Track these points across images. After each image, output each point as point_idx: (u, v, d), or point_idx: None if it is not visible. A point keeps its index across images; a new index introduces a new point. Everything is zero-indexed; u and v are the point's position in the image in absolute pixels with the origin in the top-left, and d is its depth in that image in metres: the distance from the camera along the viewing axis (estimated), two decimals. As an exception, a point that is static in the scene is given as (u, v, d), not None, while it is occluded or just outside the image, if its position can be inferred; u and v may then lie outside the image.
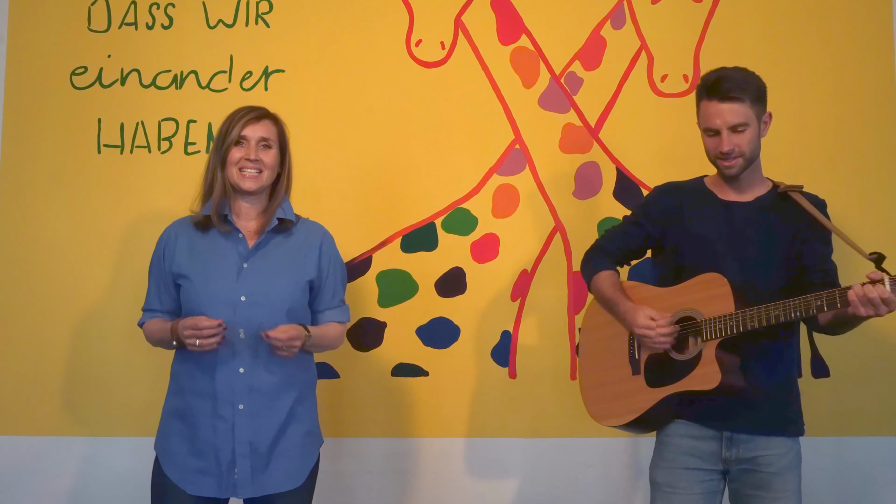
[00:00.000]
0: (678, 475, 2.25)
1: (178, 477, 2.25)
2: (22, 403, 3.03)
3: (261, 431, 2.24)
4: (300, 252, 2.35)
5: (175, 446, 2.27)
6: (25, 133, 3.13)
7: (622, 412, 2.31)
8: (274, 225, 2.33)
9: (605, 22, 3.11)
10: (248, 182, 2.29)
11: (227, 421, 2.22)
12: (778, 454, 2.21)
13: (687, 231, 2.31)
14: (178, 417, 2.28)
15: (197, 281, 2.28)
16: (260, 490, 2.24)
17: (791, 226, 2.27)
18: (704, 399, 2.18)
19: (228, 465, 2.23)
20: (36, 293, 3.07)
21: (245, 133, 2.30)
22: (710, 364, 2.15)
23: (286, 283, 2.30)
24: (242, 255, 2.30)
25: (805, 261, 2.26)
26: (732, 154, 2.22)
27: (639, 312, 2.26)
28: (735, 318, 2.13)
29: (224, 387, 2.22)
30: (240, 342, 2.24)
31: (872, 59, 3.05)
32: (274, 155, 2.33)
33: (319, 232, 2.42)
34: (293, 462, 2.29)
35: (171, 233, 2.38)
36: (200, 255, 2.31)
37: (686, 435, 2.25)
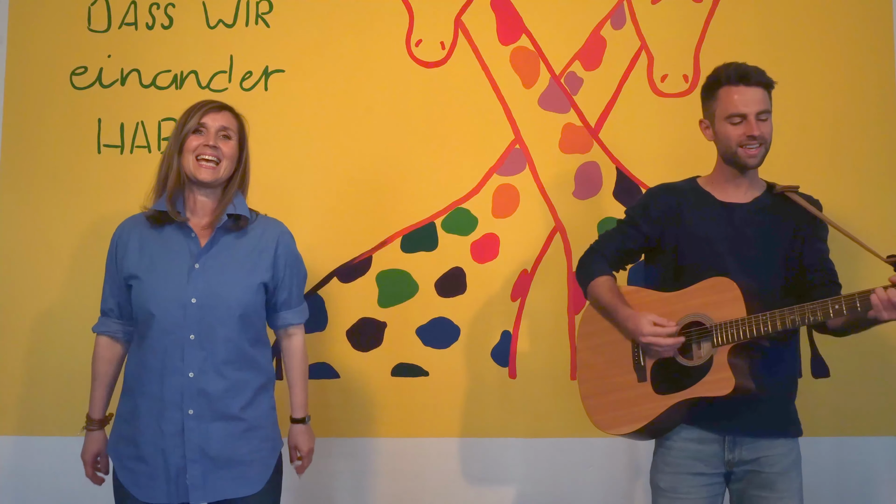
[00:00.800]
0: (682, 480, 2.24)
1: (129, 481, 2.20)
2: (22, 403, 3.04)
3: (211, 436, 2.17)
4: (254, 251, 2.27)
5: (123, 451, 2.22)
6: (25, 133, 3.13)
7: (630, 420, 2.27)
8: (224, 221, 2.24)
9: (605, 22, 3.11)
10: (205, 172, 2.21)
11: (175, 425, 2.16)
12: (780, 454, 2.21)
13: (687, 231, 2.30)
14: (126, 421, 2.23)
15: (147, 281, 2.20)
16: (213, 495, 2.17)
17: (791, 225, 2.27)
18: (704, 402, 2.18)
19: (178, 470, 2.16)
20: (36, 293, 3.07)
21: (204, 121, 2.24)
22: (724, 370, 2.13)
23: (238, 286, 2.22)
24: (194, 255, 2.21)
25: (806, 260, 2.26)
26: (759, 140, 2.21)
27: (642, 319, 2.22)
28: (749, 322, 2.11)
29: (173, 391, 2.16)
30: (189, 346, 2.17)
31: (872, 59, 3.05)
32: (233, 146, 2.27)
33: (276, 230, 2.33)
34: (248, 467, 2.22)
35: (121, 232, 2.30)
36: (151, 254, 2.23)
37: (689, 439, 2.24)
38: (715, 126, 2.29)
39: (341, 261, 3.07)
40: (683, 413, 2.23)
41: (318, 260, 3.04)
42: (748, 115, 2.21)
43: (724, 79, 2.25)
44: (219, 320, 2.18)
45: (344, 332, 3.05)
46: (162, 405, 2.17)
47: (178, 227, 2.24)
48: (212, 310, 2.18)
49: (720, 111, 2.26)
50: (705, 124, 2.33)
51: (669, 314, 2.24)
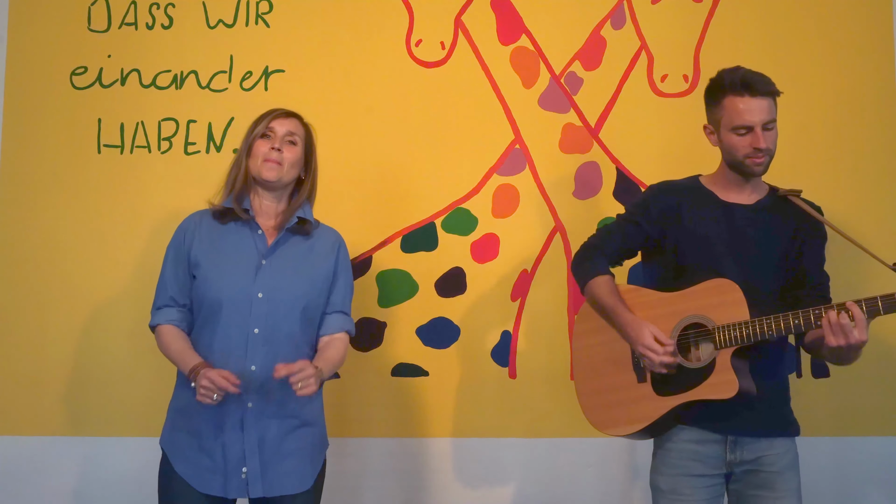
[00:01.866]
0: (683, 482, 2.23)
1: (189, 473, 2.22)
2: (22, 403, 3.04)
3: (270, 430, 2.22)
4: (318, 254, 2.36)
5: (183, 441, 2.25)
6: (25, 133, 3.13)
7: (629, 421, 2.27)
8: (293, 223, 2.34)
9: (605, 22, 3.11)
10: (269, 171, 2.30)
11: (236, 418, 2.21)
12: (779, 454, 2.22)
13: (687, 231, 2.29)
14: (185, 413, 2.26)
15: (214, 273, 2.26)
16: (269, 490, 2.21)
17: (791, 226, 2.27)
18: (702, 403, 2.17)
19: (236, 463, 2.20)
20: (36, 293, 3.07)
21: (272, 125, 2.34)
22: (727, 372, 2.13)
23: (303, 283, 2.29)
24: (261, 252, 2.30)
25: (805, 262, 2.26)
26: (765, 152, 2.20)
27: (644, 330, 2.20)
28: (752, 325, 2.10)
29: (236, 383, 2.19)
30: (253, 339, 2.22)
31: (872, 59, 3.05)
32: (298, 152, 2.36)
33: (336, 237, 2.44)
34: (302, 464, 2.27)
35: (193, 219, 2.36)
36: (219, 247, 2.30)
37: (690, 440, 2.24)
38: (720, 134, 2.26)
39: (341, 261, 3.08)
40: (681, 414, 2.23)
41: (318, 260, 3.04)
42: (755, 127, 2.19)
43: (729, 87, 2.22)
44: (283, 316, 2.25)
45: (344, 332, 3.05)
46: (224, 398, 2.18)
47: (245, 225, 2.33)
48: (277, 305, 2.24)
49: (725, 121, 2.23)
50: (710, 130, 2.31)
51: (666, 315, 2.24)
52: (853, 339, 2.02)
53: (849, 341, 2.02)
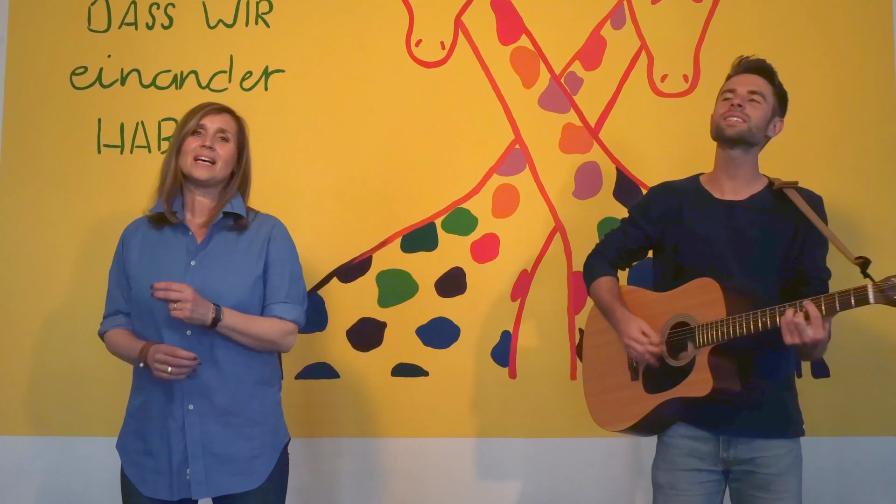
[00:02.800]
0: (679, 476, 2.25)
1: (136, 476, 2.22)
2: (22, 404, 3.04)
3: (212, 431, 2.19)
4: (251, 247, 2.29)
5: (132, 445, 2.25)
6: (25, 133, 3.13)
7: (622, 418, 2.32)
8: (219, 219, 2.27)
9: (605, 22, 3.11)
10: (200, 171, 2.24)
11: (177, 420, 2.18)
12: (777, 455, 2.21)
13: (687, 231, 2.31)
14: (135, 416, 2.26)
15: (144, 278, 2.22)
16: (215, 491, 2.19)
17: (791, 225, 2.27)
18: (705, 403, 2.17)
19: (179, 465, 2.17)
20: (36, 293, 3.07)
21: (203, 122, 2.28)
22: (703, 371, 2.14)
23: (233, 280, 2.24)
24: (190, 252, 2.25)
25: (805, 260, 2.26)
26: (741, 110, 2.24)
27: (632, 324, 2.26)
28: (726, 324, 2.12)
29: (174, 386, 2.17)
30: (187, 340, 2.18)
31: (872, 59, 3.05)
32: (230, 149, 2.29)
33: (270, 224, 2.35)
34: (249, 462, 2.22)
35: (126, 234, 2.35)
36: (150, 253, 2.28)
37: (686, 436, 2.25)
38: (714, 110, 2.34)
39: (341, 261, 3.07)
40: (677, 411, 2.24)
41: (318, 260, 3.04)
42: (737, 90, 2.28)
43: (731, 73, 2.36)
44: None
45: (344, 332, 3.05)
46: (165, 400, 2.19)
47: (177, 227, 2.28)
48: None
49: (719, 95, 2.34)
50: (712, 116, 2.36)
51: (659, 315, 2.27)
52: (807, 338, 2.00)
53: (803, 339, 2.01)
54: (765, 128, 2.30)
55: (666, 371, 2.23)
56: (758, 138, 2.30)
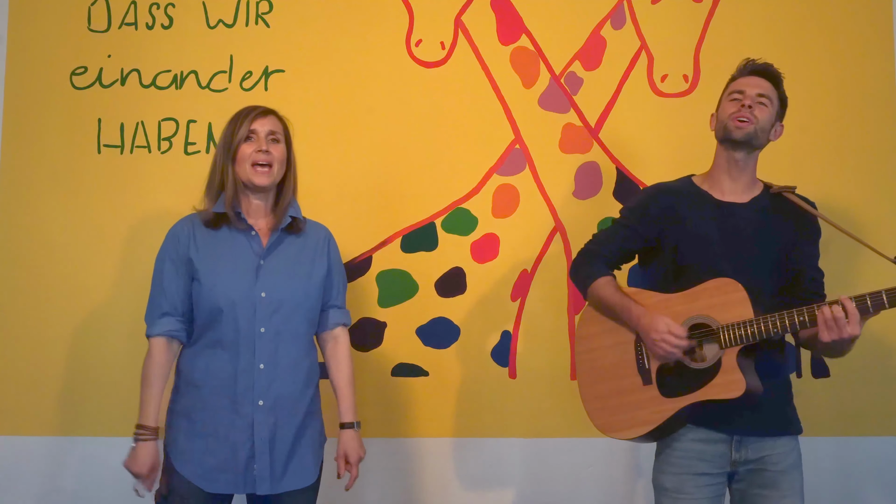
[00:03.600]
0: (686, 480, 2.23)
1: (195, 474, 2.23)
2: (22, 404, 3.03)
3: (280, 428, 2.25)
4: (311, 251, 2.37)
5: (188, 444, 2.25)
6: (25, 133, 3.13)
7: (636, 424, 2.26)
8: (287, 223, 2.34)
9: (605, 22, 3.11)
10: (261, 178, 2.29)
11: (245, 418, 2.22)
12: (783, 453, 2.22)
13: (686, 232, 2.30)
14: (189, 415, 2.27)
15: (214, 278, 2.26)
16: (277, 487, 2.24)
17: (790, 226, 2.27)
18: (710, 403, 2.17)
19: (247, 461, 2.22)
20: (36, 293, 3.07)
21: (254, 127, 2.31)
22: (733, 372, 2.13)
23: (302, 281, 2.31)
24: (258, 254, 2.30)
25: (802, 261, 2.27)
26: (750, 111, 2.25)
27: (658, 319, 2.21)
28: (757, 323, 2.10)
29: (243, 383, 2.22)
30: (260, 339, 2.24)
31: (872, 59, 3.05)
32: (282, 150, 2.34)
33: (325, 233, 2.45)
34: (308, 459, 2.30)
35: (185, 226, 2.33)
36: (216, 252, 2.29)
37: (695, 440, 2.23)
38: (718, 109, 2.35)
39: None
40: (689, 415, 2.22)
41: (318, 260, 3.04)
42: (746, 91, 2.29)
43: (736, 73, 2.37)
44: (287, 314, 2.26)
45: (344, 332, 3.05)
46: (233, 398, 2.22)
47: (237, 229, 2.31)
48: (280, 304, 2.26)
49: (725, 94, 2.34)
50: (714, 116, 2.37)
51: (674, 316, 2.23)
52: (846, 334, 2.04)
53: (841, 335, 2.04)
54: (769, 131, 2.31)
55: (685, 373, 2.20)
56: (762, 141, 2.30)
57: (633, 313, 2.27)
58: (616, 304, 2.32)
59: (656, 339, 2.20)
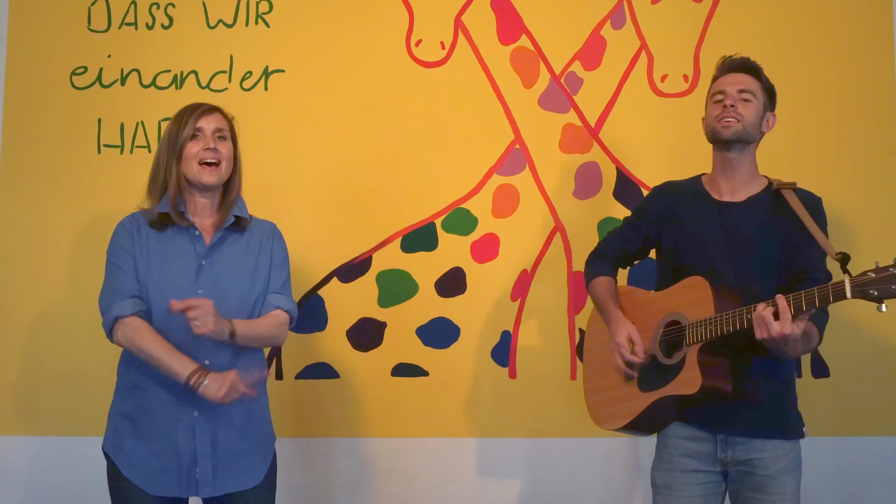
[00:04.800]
0: (676, 477, 2.25)
1: (139, 477, 2.20)
2: (22, 403, 3.03)
3: (221, 431, 2.21)
4: (255, 248, 2.32)
5: (131, 446, 2.22)
6: (25, 133, 3.13)
7: (617, 416, 2.33)
8: (230, 222, 2.29)
9: (605, 22, 3.11)
10: (209, 176, 2.24)
11: (188, 420, 2.20)
12: (774, 457, 2.19)
13: (684, 231, 2.31)
14: (133, 417, 2.24)
15: (155, 279, 2.21)
16: (220, 489, 2.21)
17: (789, 225, 2.27)
18: (700, 401, 2.17)
19: (190, 464, 2.19)
20: (36, 293, 3.07)
21: (200, 125, 2.25)
22: (692, 368, 2.15)
23: (244, 279, 2.27)
24: (200, 254, 2.25)
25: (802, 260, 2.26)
26: (734, 110, 2.24)
27: (621, 328, 2.30)
28: (714, 322, 2.12)
29: (180, 388, 2.16)
30: (202, 338, 2.15)
31: (872, 59, 3.05)
32: (230, 147, 2.29)
33: (270, 228, 2.38)
34: (252, 461, 2.27)
35: (132, 224, 2.28)
36: (159, 254, 2.24)
37: (683, 437, 2.25)
38: (705, 113, 2.35)
39: (341, 261, 3.07)
40: (672, 410, 2.25)
41: (318, 260, 3.04)
42: (727, 91, 2.28)
43: (716, 73, 2.36)
44: (229, 313, 2.20)
45: (344, 332, 3.05)
46: (175, 400, 2.19)
47: (181, 229, 2.27)
48: (220, 303, 2.19)
49: (709, 97, 2.34)
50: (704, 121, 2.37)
51: (652, 314, 2.29)
52: (774, 332, 1.99)
53: (770, 334, 2.00)
54: (759, 124, 2.30)
55: (659, 369, 2.24)
56: (753, 136, 2.30)
57: (607, 317, 2.36)
58: (600, 305, 2.41)
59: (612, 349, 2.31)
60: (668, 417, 2.27)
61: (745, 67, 2.31)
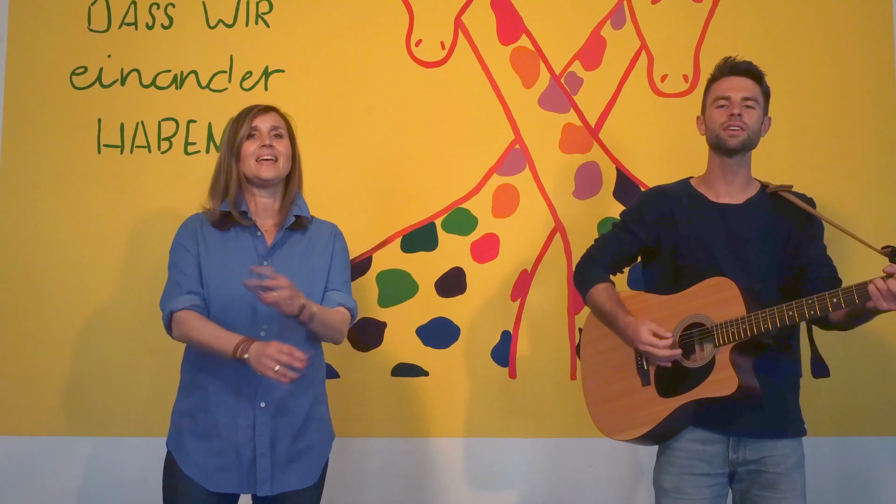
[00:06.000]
0: (686, 480, 2.23)
1: (199, 474, 2.23)
2: (23, 403, 3.03)
3: (281, 430, 2.24)
4: (317, 249, 2.35)
5: (192, 444, 2.25)
6: (25, 133, 3.13)
7: (635, 425, 2.28)
8: (291, 222, 2.32)
9: (605, 22, 3.11)
10: (267, 170, 2.27)
11: (248, 419, 2.22)
12: (784, 454, 2.21)
13: (685, 234, 2.31)
14: (193, 415, 2.26)
15: (217, 280, 2.25)
16: (278, 488, 2.24)
17: (789, 224, 2.28)
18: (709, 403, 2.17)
19: (250, 462, 2.22)
20: (36, 293, 3.07)
21: (256, 124, 2.30)
22: (726, 369, 2.13)
23: (304, 280, 2.27)
24: (261, 254, 2.28)
25: (803, 260, 2.26)
26: (740, 119, 2.24)
27: (641, 328, 2.23)
28: (748, 320, 2.11)
29: (247, 386, 2.21)
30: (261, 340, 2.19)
31: (872, 59, 3.05)
32: (287, 145, 2.33)
33: (332, 230, 2.42)
34: (310, 460, 2.29)
35: (195, 223, 2.32)
36: (221, 254, 2.28)
37: (693, 440, 2.24)
38: (705, 116, 2.34)
39: (341, 261, 3.07)
40: (689, 415, 2.23)
41: (318, 260, 3.04)
42: (732, 98, 2.27)
43: (717, 73, 2.34)
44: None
45: (344, 332, 3.05)
46: (235, 399, 2.21)
47: (243, 229, 2.30)
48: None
49: (710, 100, 2.33)
50: (700, 120, 2.37)
51: (670, 317, 2.25)
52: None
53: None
54: (759, 132, 2.31)
55: (681, 373, 2.21)
56: (755, 142, 2.31)
57: (620, 325, 2.30)
58: (608, 312, 2.35)
59: (644, 350, 2.23)
60: (685, 423, 2.24)
61: (750, 72, 2.30)
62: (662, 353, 2.20)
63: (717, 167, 2.32)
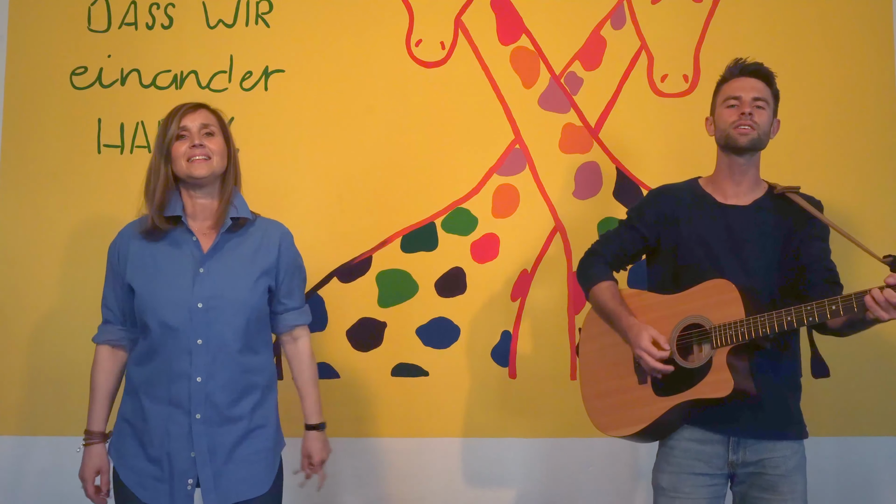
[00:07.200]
0: (684, 480, 2.23)
1: (134, 482, 2.17)
2: (22, 403, 3.04)
3: (219, 439, 2.16)
4: (257, 253, 2.24)
5: (129, 450, 2.19)
6: (25, 133, 3.13)
7: (630, 422, 2.28)
8: (228, 226, 2.22)
9: (605, 22, 3.11)
10: (199, 168, 2.16)
11: (183, 428, 2.14)
12: (784, 456, 2.20)
13: (685, 233, 2.30)
14: (131, 421, 2.20)
15: (150, 289, 2.17)
16: (224, 499, 2.16)
17: (789, 225, 2.27)
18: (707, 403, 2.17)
19: (181, 473, 2.14)
20: (36, 293, 3.07)
21: (185, 123, 2.19)
22: (722, 371, 2.13)
23: (244, 288, 2.20)
24: (197, 259, 2.18)
25: (804, 260, 2.26)
26: (751, 118, 2.25)
27: (643, 333, 2.22)
28: (746, 324, 2.10)
29: (180, 395, 2.14)
30: (197, 350, 2.14)
31: (872, 59, 3.05)
32: (219, 142, 2.23)
33: (278, 231, 2.31)
34: (257, 468, 2.21)
35: (120, 240, 2.27)
36: (153, 262, 2.20)
37: (692, 439, 2.24)
38: (715, 116, 2.34)
39: (341, 261, 3.07)
40: (685, 415, 2.23)
41: (318, 260, 3.04)
42: (743, 97, 2.28)
43: (727, 75, 2.34)
44: (226, 324, 2.16)
45: (344, 332, 3.05)
46: (169, 409, 2.15)
47: (177, 233, 2.22)
48: (219, 313, 2.15)
49: (720, 100, 2.33)
50: (709, 121, 2.37)
51: (669, 317, 2.25)
52: None
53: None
54: (769, 132, 2.31)
55: (679, 373, 2.20)
56: (765, 143, 2.31)
57: (623, 323, 2.29)
58: (610, 311, 2.34)
59: (639, 355, 2.24)
60: (679, 422, 2.24)
61: (761, 73, 2.31)
62: (653, 365, 2.20)
63: (726, 167, 2.32)
